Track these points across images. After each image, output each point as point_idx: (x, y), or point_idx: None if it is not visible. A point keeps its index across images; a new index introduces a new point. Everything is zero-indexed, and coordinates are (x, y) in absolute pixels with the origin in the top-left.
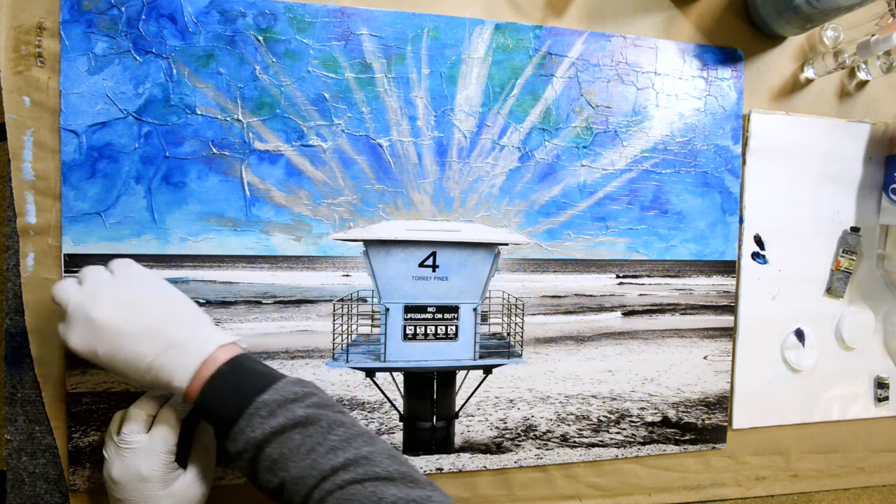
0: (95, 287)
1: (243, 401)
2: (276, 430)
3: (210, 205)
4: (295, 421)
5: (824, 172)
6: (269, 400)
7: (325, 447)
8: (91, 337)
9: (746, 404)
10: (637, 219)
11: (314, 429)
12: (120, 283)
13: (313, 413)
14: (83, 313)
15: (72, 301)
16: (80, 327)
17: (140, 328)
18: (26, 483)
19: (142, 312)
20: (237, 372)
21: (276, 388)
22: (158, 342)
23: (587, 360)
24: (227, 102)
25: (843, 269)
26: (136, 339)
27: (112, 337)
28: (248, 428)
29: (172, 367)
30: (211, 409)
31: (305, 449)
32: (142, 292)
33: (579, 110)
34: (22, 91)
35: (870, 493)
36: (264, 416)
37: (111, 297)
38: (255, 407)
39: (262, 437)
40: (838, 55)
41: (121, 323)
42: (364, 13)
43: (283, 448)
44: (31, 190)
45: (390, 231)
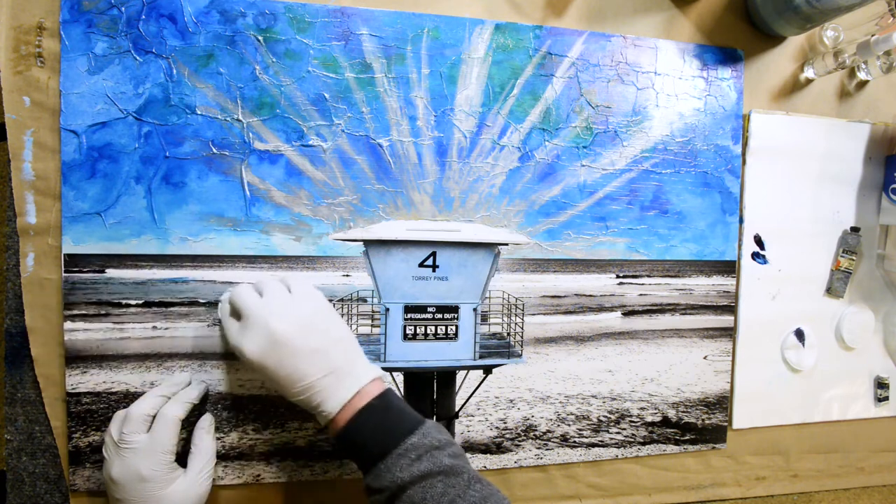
0: (276, 301)
1: (393, 439)
2: (422, 475)
3: (210, 205)
4: (440, 469)
5: (824, 172)
6: (418, 443)
7: (468, 501)
8: (266, 347)
9: (746, 404)
10: (637, 219)
11: (456, 480)
12: (298, 302)
13: (457, 464)
14: (265, 324)
15: (254, 311)
16: (258, 336)
17: (310, 349)
18: (26, 483)
19: (314, 334)
20: (386, 408)
21: (423, 431)
22: (322, 366)
23: (587, 360)
24: (227, 102)
25: (843, 269)
26: (303, 359)
27: (285, 352)
28: (396, 468)
29: (328, 393)
30: (357, 443)
31: (447, 499)
32: (316, 315)
33: (579, 110)
34: (22, 91)
35: (870, 493)
36: (412, 458)
37: (292, 315)
38: (404, 448)
39: (408, 479)
40: (838, 55)
41: (295, 340)
42: (364, 13)
43: (426, 494)
44: (31, 190)
45: (390, 231)
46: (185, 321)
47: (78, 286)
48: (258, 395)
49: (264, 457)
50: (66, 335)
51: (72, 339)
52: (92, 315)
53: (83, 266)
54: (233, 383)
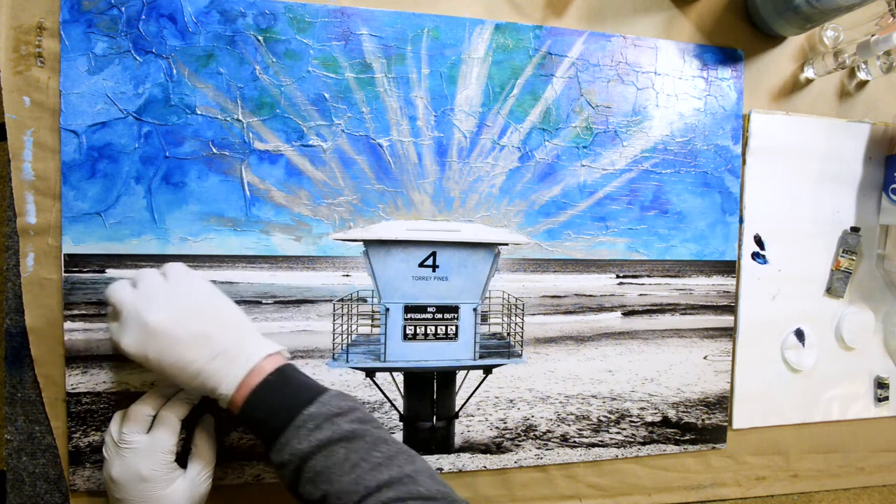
0: (149, 291)
1: (290, 412)
2: (321, 444)
3: (210, 205)
4: (340, 435)
5: (824, 172)
6: (316, 413)
7: (370, 463)
8: (143, 340)
9: (746, 404)
10: (637, 219)
11: (359, 444)
12: (173, 288)
13: (358, 428)
14: (137, 316)
15: (126, 303)
16: (133, 330)
17: (191, 334)
18: (26, 483)
19: (193, 319)
20: (283, 382)
21: (322, 400)
22: (208, 349)
23: (587, 360)
24: (227, 102)
25: (843, 269)
26: (186, 345)
27: (164, 341)
28: (295, 440)
29: (220, 375)
30: (257, 419)
31: (350, 464)
32: (194, 298)
33: (579, 110)
34: (22, 91)
35: (870, 493)
36: (311, 428)
37: (165, 302)
38: (301, 419)
39: (308, 449)
40: (838, 55)
41: (173, 328)
42: (364, 13)
43: (328, 461)
44: (31, 190)
45: (390, 231)
46: None
47: (78, 286)
48: None
49: (264, 457)
50: (66, 335)
51: (72, 339)
52: (92, 315)
53: (83, 266)
54: None
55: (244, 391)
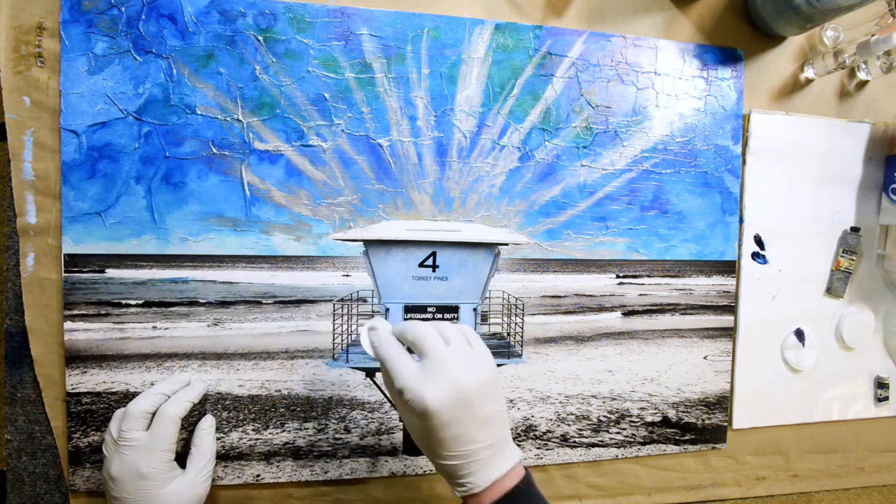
0: (463, 352)
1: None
2: None
3: (210, 205)
4: None
5: (824, 172)
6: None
7: None
8: (451, 400)
9: (746, 404)
10: (637, 219)
11: None
12: (482, 362)
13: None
14: (453, 375)
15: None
16: (443, 386)
17: (486, 416)
18: (26, 483)
19: (492, 401)
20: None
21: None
22: (488, 436)
23: (587, 360)
24: (227, 102)
25: (843, 269)
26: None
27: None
28: None
29: (481, 465)
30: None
31: None
32: (495, 379)
33: (579, 110)
34: (22, 91)
35: (870, 493)
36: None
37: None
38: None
39: None
40: (838, 55)
41: (478, 401)
42: (364, 13)
43: None
44: (31, 190)
45: (390, 231)
46: (185, 321)
47: (78, 286)
48: (258, 395)
49: (264, 457)
50: (66, 335)
51: (72, 339)
52: (92, 315)
53: (83, 266)
54: (233, 383)
55: (495, 492)
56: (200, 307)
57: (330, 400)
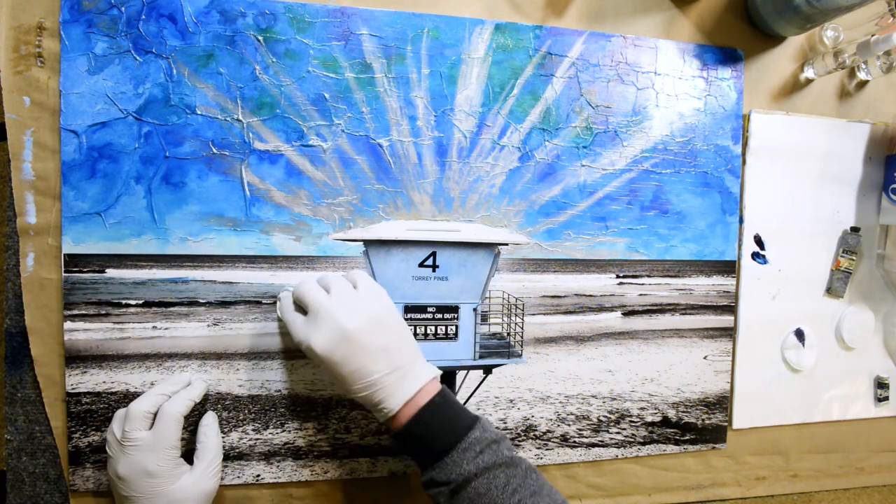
0: (344, 297)
1: (457, 434)
2: (486, 467)
3: (210, 205)
4: (502, 461)
5: (824, 172)
6: (480, 437)
7: (527, 490)
8: (335, 343)
9: (746, 404)
10: (637, 219)
11: (516, 471)
12: (366, 300)
13: (515, 456)
14: (335, 321)
15: (324, 306)
16: (328, 332)
17: (377, 346)
18: (26, 483)
19: (381, 332)
20: (447, 405)
21: (482, 426)
22: (387, 363)
23: (587, 360)
24: (227, 102)
25: (843, 269)
26: (371, 356)
27: (353, 348)
28: (462, 461)
29: (390, 391)
30: (422, 438)
31: (510, 489)
32: (383, 313)
33: (579, 110)
34: (22, 91)
35: (870, 493)
36: (477, 451)
37: (361, 312)
38: (468, 442)
39: (474, 471)
40: (838, 55)
41: (364, 337)
42: (364, 13)
43: (490, 485)
44: (31, 190)
45: (390, 231)
46: (185, 321)
47: (78, 286)
48: (258, 394)
49: (264, 457)
50: (66, 335)
51: (72, 339)
52: (92, 315)
53: (83, 266)
54: (233, 383)
55: (410, 410)
56: (200, 307)
57: (330, 400)
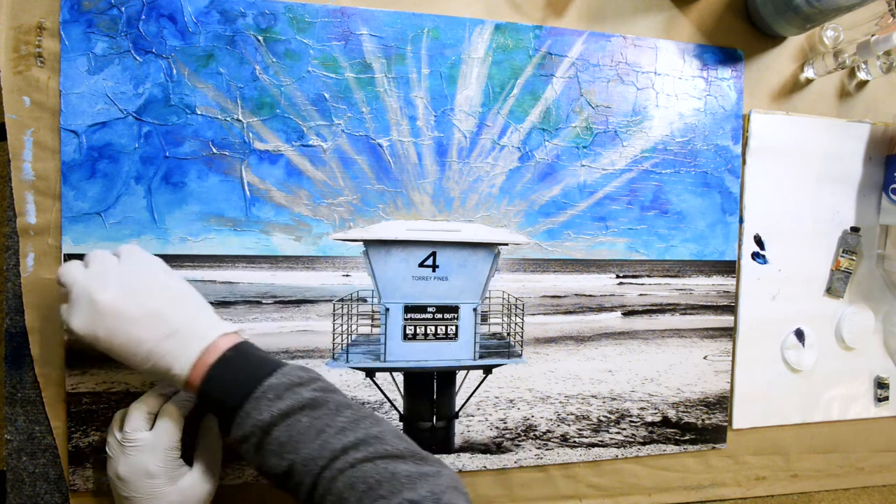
0: (101, 270)
1: (250, 385)
2: (283, 413)
3: (210, 205)
4: (303, 403)
5: (824, 172)
6: (276, 383)
7: (335, 428)
8: (93, 319)
9: (746, 404)
10: (637, 219)
11: (322, 411)
12: (125, 268)
13: (320, 396)
14: (87, 295)
15: (77, 283)
16: (83, 309)
17: (142, 313)
18: (26, 483)
19: (145, 297)
20: (241, 358)
21: (282, 372)
22: (160, 328)
23: (587, 360)
24: (227, 102)
25: (843, 269)
26: (137, 324)
27: (113, 320)
28: (255, 411)
29: (174, 355)
30: (215, 395)
31: (314, 431)
32: (146, 278)
33: (579, 110)
34: (22, 91)
35: (870, 493)
36: (271, 398)
37: (116, 281)
38: (261, 390)
39: (269, 419)
40: (838, 55)
41: (123, 307)
42: (364, 13)
43: (292, 431)
44: (31, 190)
45: (390, 231)
46: None
47: None
48: None
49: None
50: (66, 335)
51: (72, 340)
52: None
53: None
54: None
55: (200, 370)
56: None
57: None
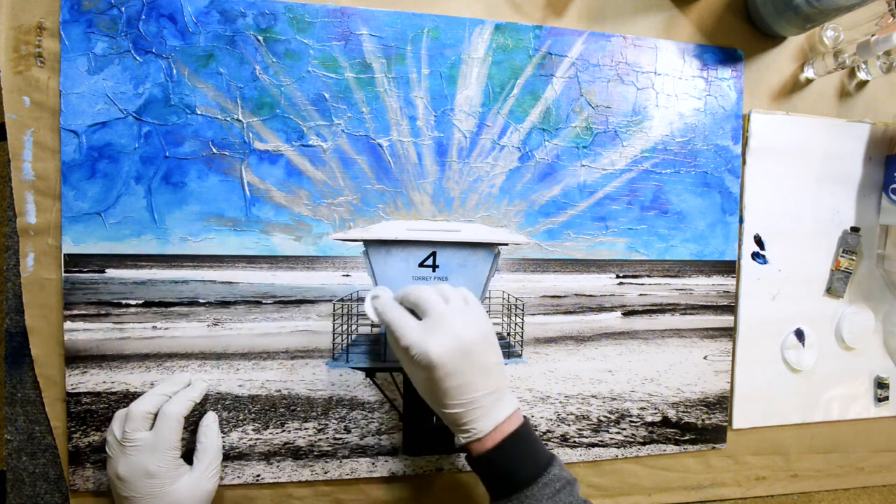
0: (459, 309)
1: (537, 469)
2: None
3: (210, 205)
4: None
5: (824, 172)
6: (559, 475)
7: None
8: (453, 351)
9: (746, 404)
10: (637, 219)
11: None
12: (480, 317)
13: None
14: (452, 328)
15: (446, 314)
16: (447, 339)
17: (486, 365)
18: (26, 483)
19: (490, 351)
20: (530, 438)
21: (559, 464)
22: (489, 384)
23: (587, 360)
24: (227, 102)
25: (843, 269)
26: (478, 373)
27: (466, 361)
28: (542, 496)
29: (484, 411)
30: (506, 467)
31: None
32: (492, 332)
33: (579, 110)
34: (22, 91)
35: (870, 493)
36: (556, 489)
37: (478, 328)
38: (548, 478)
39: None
40: (838, 55)
41: (478, 353)
42: (364, 13)
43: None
44: (31, 190)
45: (390, 231)
46: (185, 321)
47: (78, 286)
48: (258, 394)
49: (264, 457)
50: (66, 335)
51: (72, 339)
52: (92, 315)
53: (83, 266)
54: (233, 383)
55: (497, 436)
56: (200, 307)
57: (330, 400)
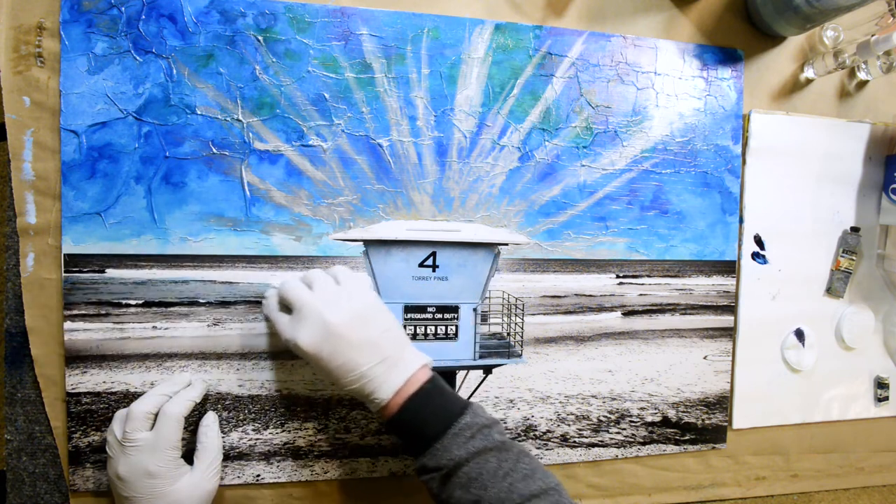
0: (327, 294)
1: (447, 420)
2: (477, 451)
3: (210, 205)
4: (493, 445)
5: (824, 172)
6: (471, 423)
7: (520, 473)
8: (321, 338)
9: (746, 404)
10: (637, 219)
11: (507, 455)
12: (348, 294)
13: (506, 440)
14: (319, 316)
15: (308, 303)
16: (312, 328)
17: (363, 339)
18: (26, 483)
19: (367, 325)
20: (437, 392)
21: (473, 411)
22: (375, 355)
23: (587, 360)
24: (227, 102)
25: (843, 269)
26: (357, 349)
27: (339, 342)
28: (453, 446)
29: (380, 380)
30: (413, 424)
31: (502, 472)
32: (367, 307)
33: (579, 110)
34: (22, 91)
35: (870, 493)
36: (467, 437)
37: (344, 306)
38: (458, 427)
39: (464, 456)
40: (838, 55)
41: (349, 332)
42: (364, 13)
43: (482, 469)
44: (31, 190)
45: (390, 231)
46: (185, 321)
47: (78, 286)
48: (258, 395)
49: (264, 457)
50: (66, 335)
51: (72, 339)
52: (92, 315)
53: (83, 266)
54: (233, 383)
55: (400, 398)
56: (200, 307)
57: (330, 400)
